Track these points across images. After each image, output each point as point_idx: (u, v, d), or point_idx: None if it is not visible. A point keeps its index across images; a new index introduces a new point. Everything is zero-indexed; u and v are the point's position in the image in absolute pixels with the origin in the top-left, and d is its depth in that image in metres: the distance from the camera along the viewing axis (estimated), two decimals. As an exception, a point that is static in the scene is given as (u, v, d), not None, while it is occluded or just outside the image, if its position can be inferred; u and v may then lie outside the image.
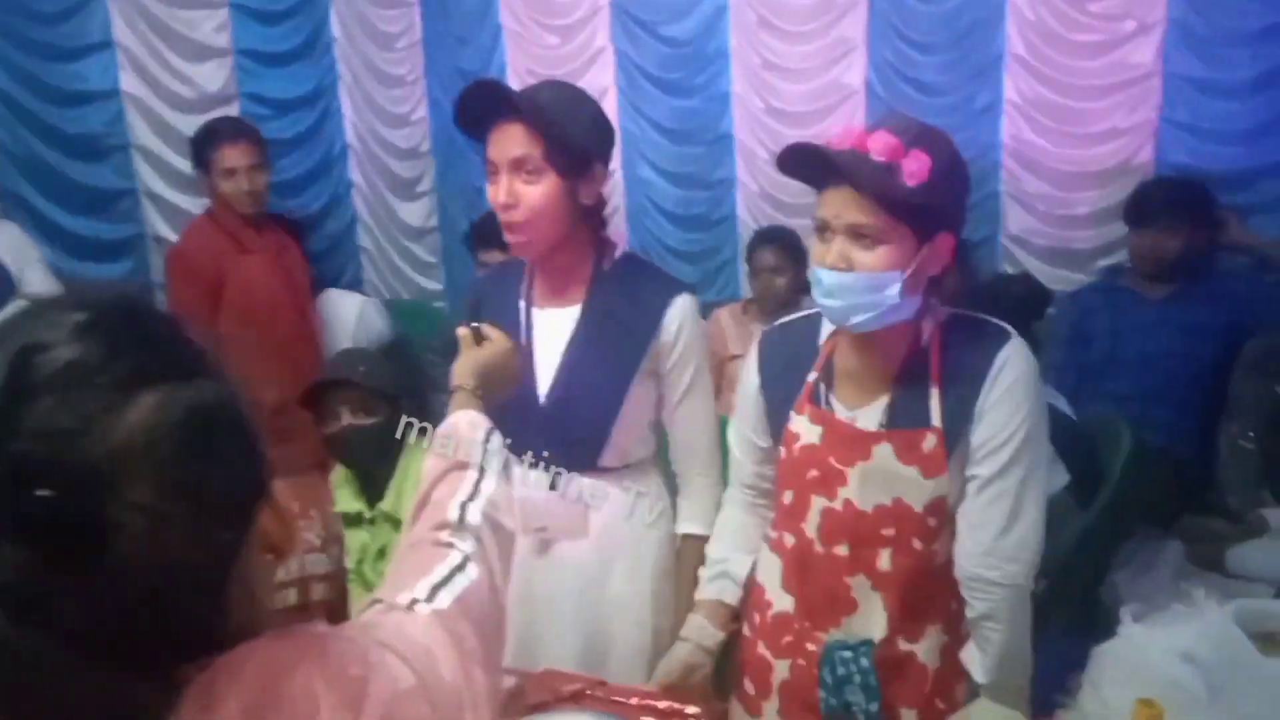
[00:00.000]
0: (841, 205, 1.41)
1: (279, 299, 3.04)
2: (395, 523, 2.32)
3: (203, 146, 3.06)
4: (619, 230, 4.12)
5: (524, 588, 1.80)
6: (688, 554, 1.82)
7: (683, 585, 1.81)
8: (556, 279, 1.79)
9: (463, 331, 1.44)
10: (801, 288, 3.08)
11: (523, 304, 1.82)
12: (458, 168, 4.16)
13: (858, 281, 1.42)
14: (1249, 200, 3.13)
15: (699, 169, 3.91)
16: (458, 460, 1.11)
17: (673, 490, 1.89)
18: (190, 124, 3.35)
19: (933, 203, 1.40)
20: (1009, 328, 1.51)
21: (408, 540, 1.03)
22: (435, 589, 0.87)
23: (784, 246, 3.27)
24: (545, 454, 1.76)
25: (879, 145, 1.38)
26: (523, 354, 1.75)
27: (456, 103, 1.67)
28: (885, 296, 1.41)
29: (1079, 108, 3.33)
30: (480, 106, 1.66)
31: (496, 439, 1.18)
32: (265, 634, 0.69)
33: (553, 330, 1.78)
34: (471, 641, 0.82)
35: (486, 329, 1.43)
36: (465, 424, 1.21)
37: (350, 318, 3.46)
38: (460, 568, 0.92)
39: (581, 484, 1.78)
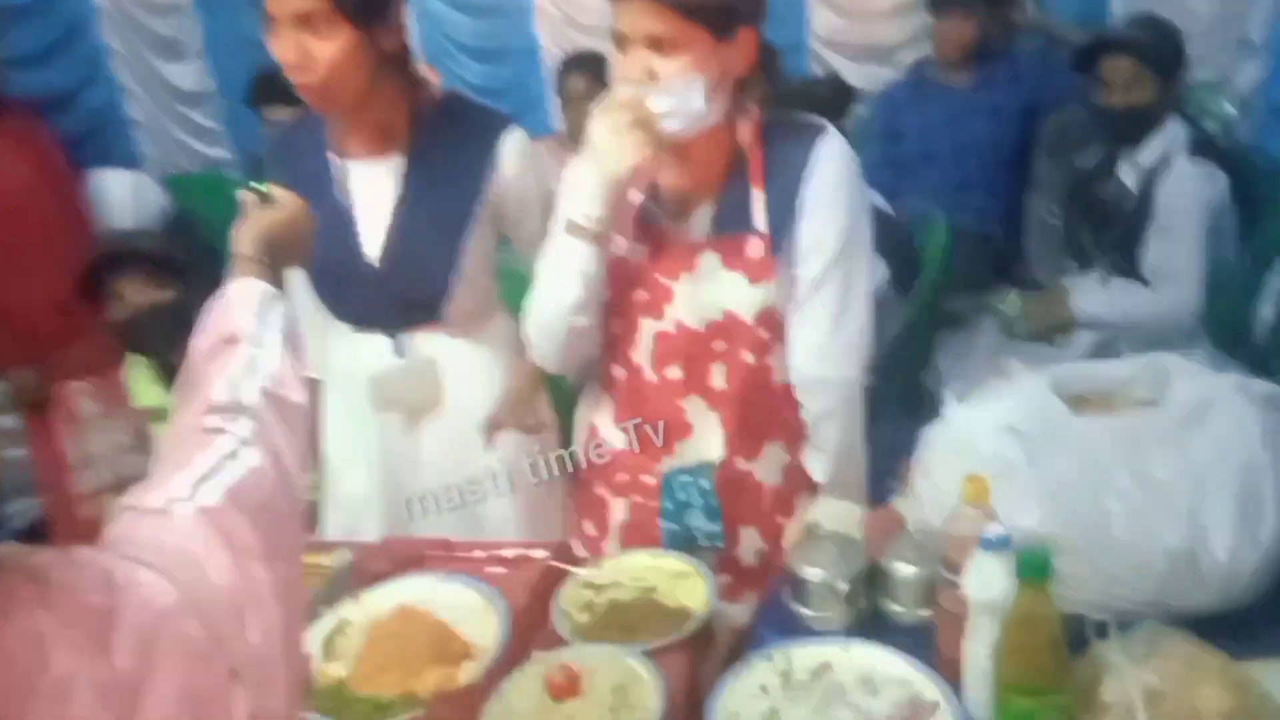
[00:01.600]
0: (636, 15, 1.32)
1: (34, 188, 2.71)
2: (205, 411, 2.15)
3: (-93, 18, 2.65)
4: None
5: (390, 466, 1.73)
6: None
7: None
8: (370, 129, 1.62)
9: (245, 194, 1.28)
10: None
11: (332, 157, 1.64)
12: (226, 19, 3.74)
13: (663, 91, 1.34)
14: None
15: (495, -2, 3.67)
16: (228, 333, 0.98)
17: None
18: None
19: (726, 1, 1.33)
20: (825, 122, 1.47)
21: (172, 430, 0.91)
22: (199, 483, 0.76)
23: (594, 71, 3.13)
24: (384, 317, 1.65)
25: None
26: (338, 212, 1.61)
27: None
28: (694, 106, 1.35)
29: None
30: None
31: (278, 306, 1.05)
32: None
33: (372, 184, 1.63)
34: (247, 536, 0.72)
35: (273, 189, 1.28)
36: (240, 293, 1.07)
37: (124, 197, 3.13)
38: (231, 455, 0.81)
39: (427, 343, 1.68)
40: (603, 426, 1.61)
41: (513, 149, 1.65)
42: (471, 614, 1.37)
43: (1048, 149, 3.05)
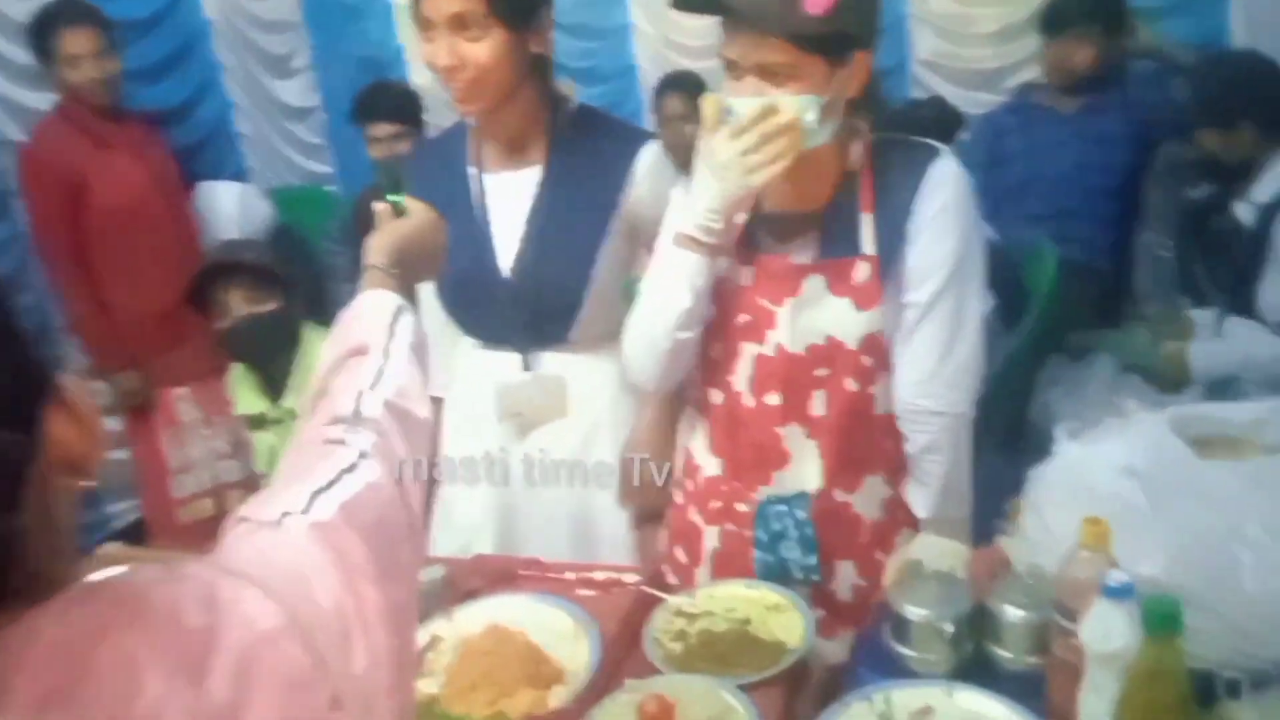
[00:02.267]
0: (747, 44, 1.30)
1: (148, 197, 2.81)
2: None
3: (41, 34, 2.77)
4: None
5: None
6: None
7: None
8: (509, 139, 1.63)
9: (380, 206, 1.28)
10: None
11: (472, 170, 1.65)
12: (335, 38, 3.84)
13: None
14: (1154, 4, 3.05)
15: (589, 17, 3.67)
16: (356, 344, 0.97)
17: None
18: (22, 10, 3.02)
19: (841, 28, 1.29)
20: (938, 144, 1.43)
21: (295, 441, 0.90)
22: (315, 496, 0.73)
23: (692, 92, 3.12)
24: (515, 332, 1.65)
25: None
26: (475, 225, 1.62)
27: None
28: (808, 124, 1.31)
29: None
30: None
31: (407, 319, 1.04)
32: (71, 592, 0.56)
33: (510, 196, 1.64)
34: (359, 554, 0.69)
35: (408, 201, 1.29)
36: (370, 304, 1.07)
37: (231, 209, 3.22)
38: (350, 468, 0.78)
39: (556, 361, 1.68)
40: (698, 452, 1.59)
41: (649, 164, 1.63)
42: (563, 637, 1.35)
43: (1159, 179, 2.94)
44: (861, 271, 1.40)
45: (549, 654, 1.33)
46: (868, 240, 1.41)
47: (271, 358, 2.20)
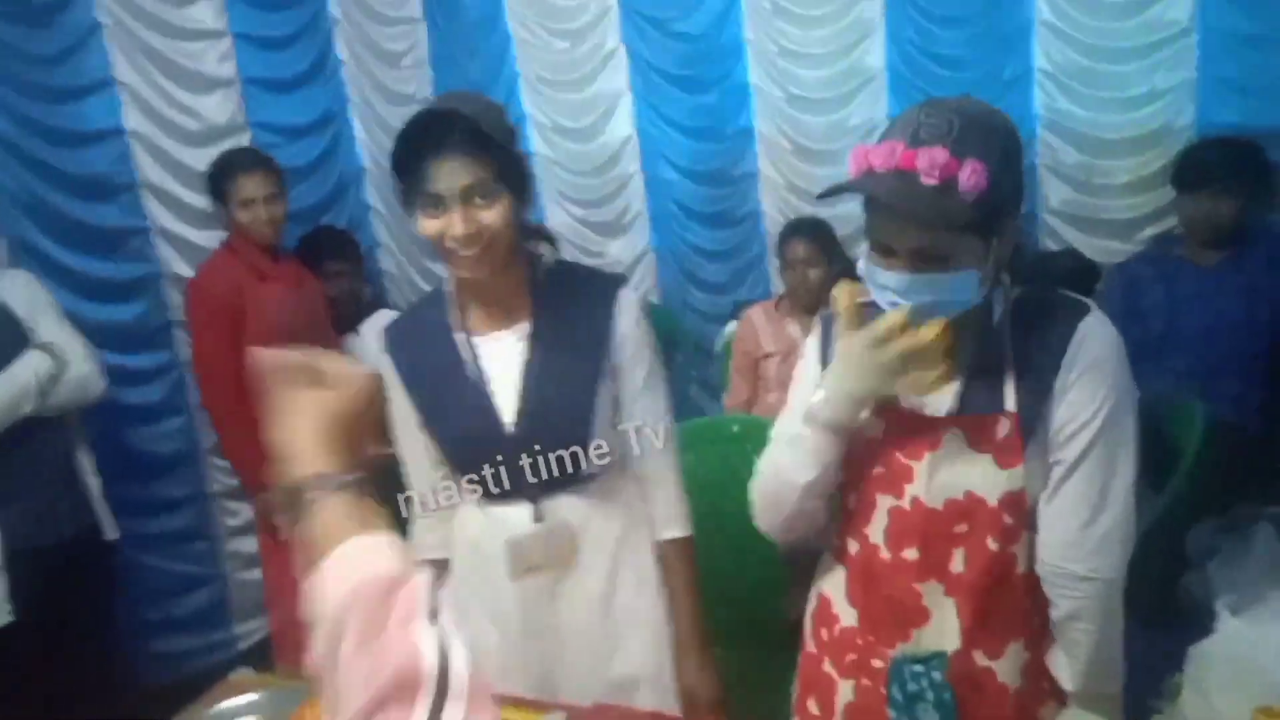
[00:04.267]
0: (900, 231, 1.31)
1: (299, 326, 2.95)
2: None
3: (219, 178, 3.00)
4: (643, 234, 4.04)
5: (530, 634, 1.71)
6: (673, 560, 1.75)
7: (676, 594, 1.74)
8: (496, 302, 1.69)
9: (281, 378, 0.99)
10: (835, 280, 2.97)
11: (460, 336, 1.70)
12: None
13: (933, 284, 1.31)
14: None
15: (721, 164, 3.79)
16: (390, 676, 0.71)
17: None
18: (198, 157, 3.28)
19: (995, 204, 1.30)
20: (1088, 301, 1.40)
21: None
22: None
23: (815, 238, 3.16)
24: (525, 483, 1.66)
25: (927, 164, 1.26)
26: (473, 386, 1.67)
27: (399, 143, 1.54)
28: (965, 297, 1.33)
29: (1114, 71, 3.18)
30: (420, 140, 1.55)
31: (438, 588, 0.80)
32: None
33: (501, 357, 1.69)
34: None
35: (322, 360, 1.02)
36: (383, 571, 0.79)
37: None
38: None
39: (566, 507, 1.69)
40: (835, 600, 1.54)
41: (628, 304, 1.71)
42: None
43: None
44: (1003, 428, 1.37)
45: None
46: (1010, 397, 1.37)
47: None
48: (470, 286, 1.68)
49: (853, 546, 1.49)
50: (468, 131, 1.53)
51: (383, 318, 3.36)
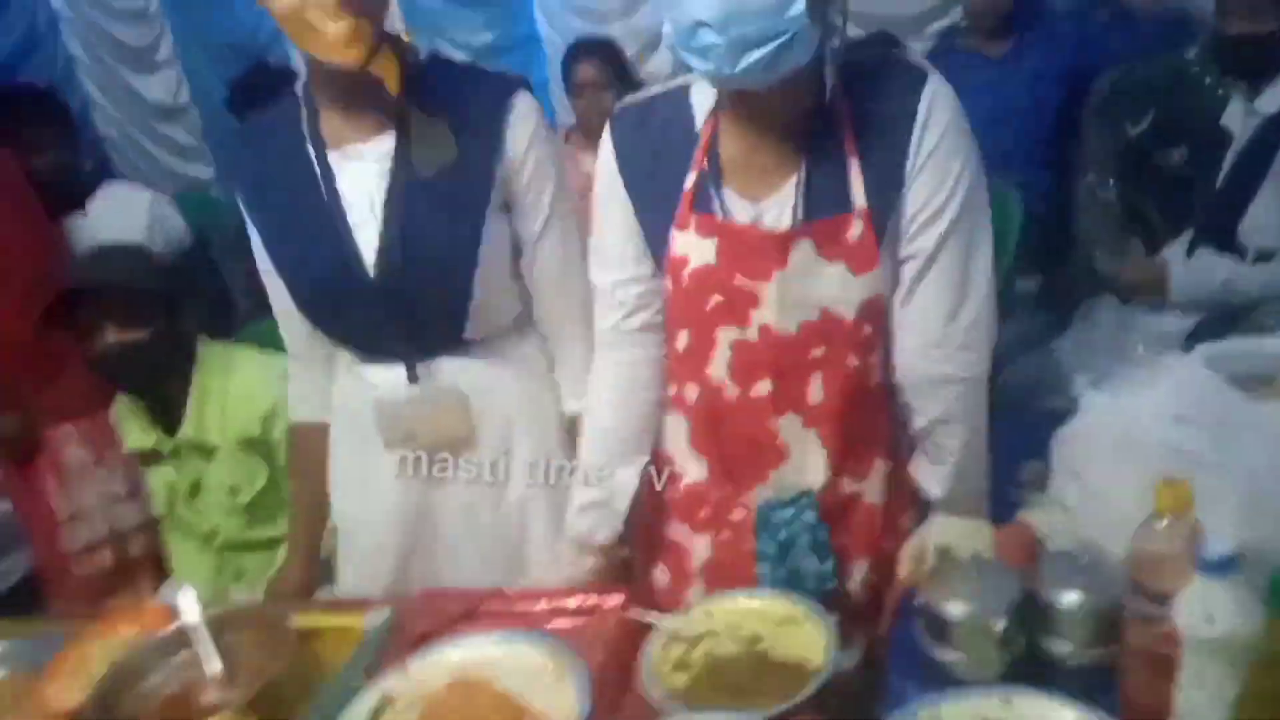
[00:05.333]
0: None
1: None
2: (204, 451, 1.91)
3: None
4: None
5: (406, 519, 1.47)
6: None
7: None
8: (354, 104, 1.35)
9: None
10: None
11: (311, 150, 1.37)
12: (195, 25, 3.50)
13: (748, 2, 1.06)
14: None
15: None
16: None
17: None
18: None
19: None
20: (925, 64, 1.21)
21: None
22: None
23: (606, 57, 2.91)
24: (394, 340, 1.39)
25: None
26: (326, 215, 1.35)
27: None
28: (788, 16, 1.07)
29: None
30: None
31: None
32: None
33: (365, 179, 1.36)
34: None
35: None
36: None
37: (138, 221, 2.80)
38: None
39: (451, 369, 1.43)
40: (676, 453, 1.37)
41: (524, 114, 1.38)
42: (542, 681, 1.13)
43: (1096, 116, 2.82)
44: (855, 229, 1.19)
45: (529, 704, 1.11)
46: (857, 190, 1.19)
47: (156, 386, 1.91)
48: (331, 84, 1.33)
49: (691, 391, 1.31)
50: None
51: (116, 191, 2.86)
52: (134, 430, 1.97)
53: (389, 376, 1.43)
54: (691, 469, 1.35)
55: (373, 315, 1.38)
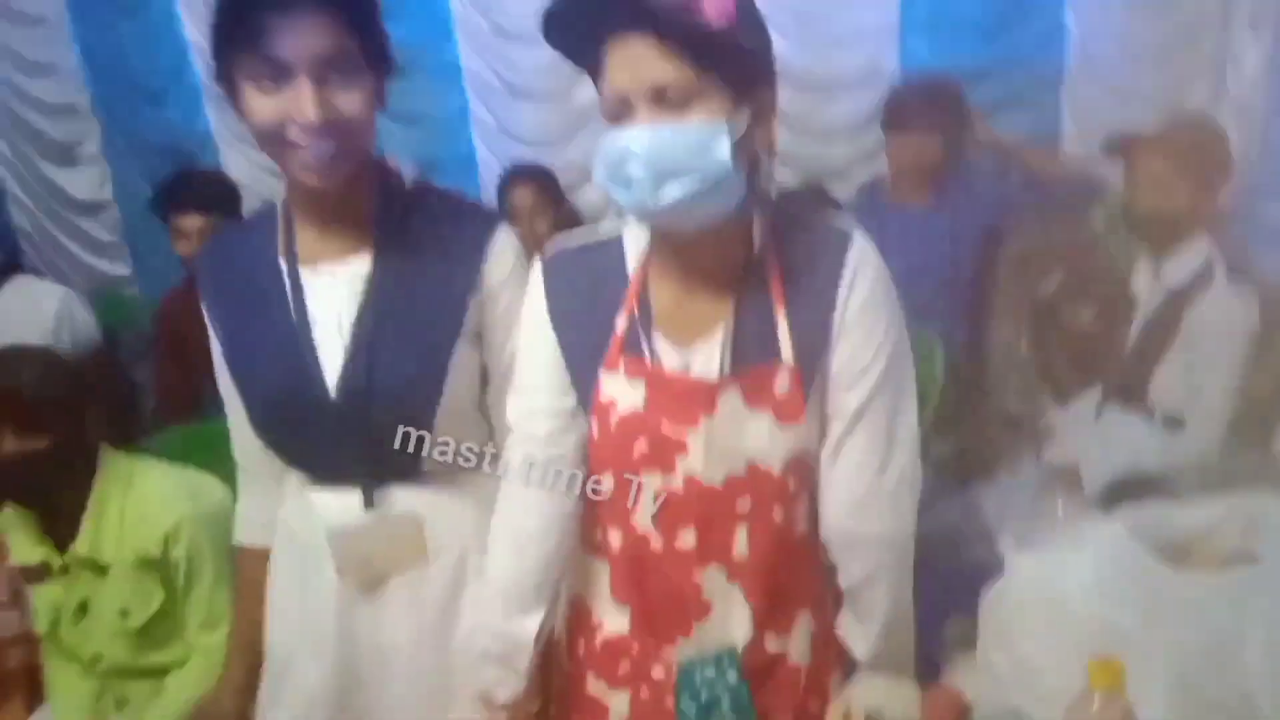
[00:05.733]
0: (638, 63, 1.08)
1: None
2: (97, 569, 1.80)
3: None
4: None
5: (348, 644, 1.38)
6: None
7: None
8: (332, 223, 1.32)
9: None
10: (562, 229, 2.77)
11: (284, 264, 1.33)
12: (126, 123, 3.45)
13: (676, 136, 1.07)
14: (990, 98, 3.11)
15: (426, 103, 3.46)
16: None
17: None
18: None
19: (745, 47, 1.10)
20: (849, 223, 1.23)
21: None
22: None
23: (541, 183, 2.94)
24: (351, 464, 1.33)
25: None
26: (290, 332, 1.30)
27: None
28: (713, 157, 1.08)
29: (820, 9, 3.18)
30: None
31: None
32: None
33: (334, 298, 1.32)
34: None
35: None
36: None
37: (46, 318, 2.67)
38: None
39: (406, 498, 1.37)
40: (597, 601, 1.31)
41: (504, 248, 1.36)
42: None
43: (1011, 274, 2.95)
44: (783, 380, 1.19)
45: None
46: (785, 341, 1.19)
47: (51, 497, 1.80)
48: (308, 201, 1.29)
49: (615, 538, 1.27)
50: None
51: (25, 285, 2.76)
52: (22, 543, 1.85)
53: (342, 502, 1.36)
54: (612, 619, 1.30)
55: (331, 438, 1.32)
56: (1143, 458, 2.06)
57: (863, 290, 1.19)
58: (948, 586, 1.42)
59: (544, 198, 2.92)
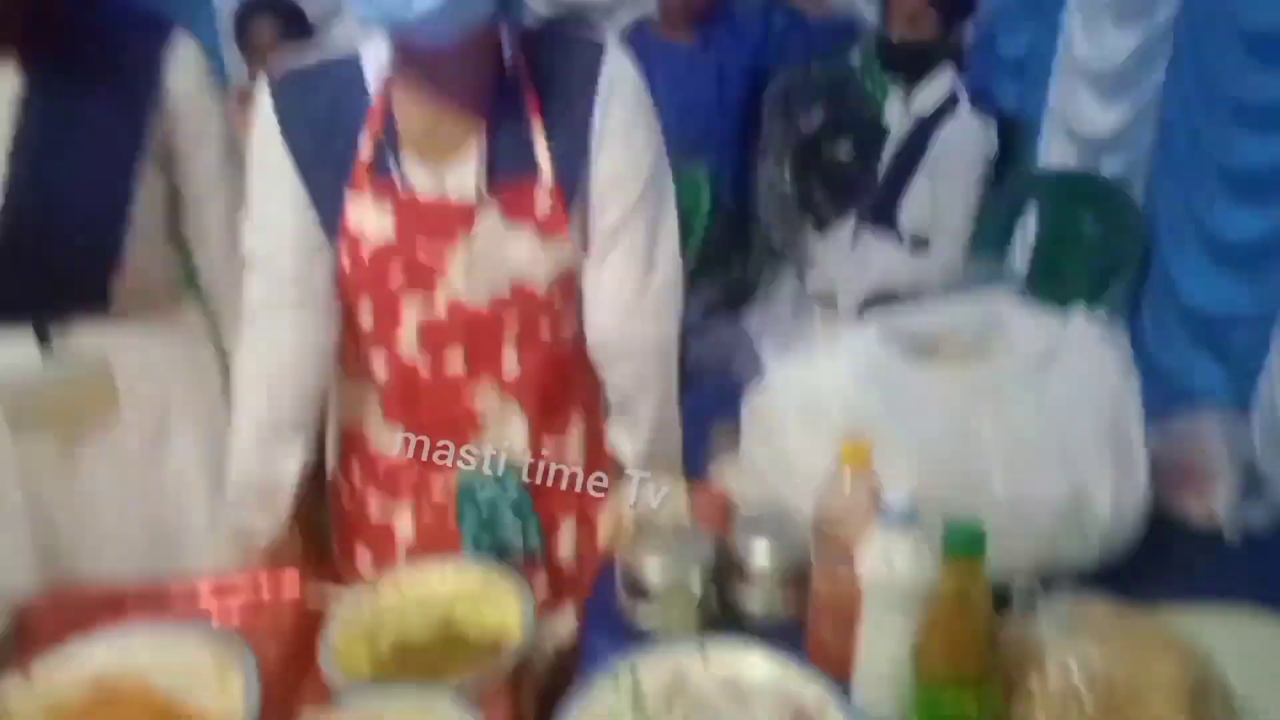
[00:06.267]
0: None
1: None
2: None
3: None
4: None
5: (40, 507, 1.27)
6: None
7: None
8: None
9: None
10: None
11: None
12: None
13: None
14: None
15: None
16: None
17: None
18: None
19: None
20: (601, 34, 1.20)
21: None
22: None
23: (282, 16, 2.66)
24: (23, 300, 1.19)
25: None
26: None
27: None
28: None
29: None
30: None
31: None
32: None
33: None
34: None
35: None
36: None
37: None
38: None
39: (93, 338, 1.24)
40: (370, 427, 1.27)
41: (183, 61, 1.24)
42: (202, 676, 0.99)
43: (773, 110, 2.99)
44: (542, 196, 1.16)
45: (184, 704, 0.97)
46: (543, 155, 1.15)
47: None
48: None
49: (380, 366, 1.22)
50: None
51: None
52: None
53: (16, 348, 1.22)
54: (386, 442, 1.26)
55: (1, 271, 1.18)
56: (892, 276, 2.18)
57: (620, 101, 1.16)
58: (718, 398, 1.45)
59: (287, 32, 2.65)
